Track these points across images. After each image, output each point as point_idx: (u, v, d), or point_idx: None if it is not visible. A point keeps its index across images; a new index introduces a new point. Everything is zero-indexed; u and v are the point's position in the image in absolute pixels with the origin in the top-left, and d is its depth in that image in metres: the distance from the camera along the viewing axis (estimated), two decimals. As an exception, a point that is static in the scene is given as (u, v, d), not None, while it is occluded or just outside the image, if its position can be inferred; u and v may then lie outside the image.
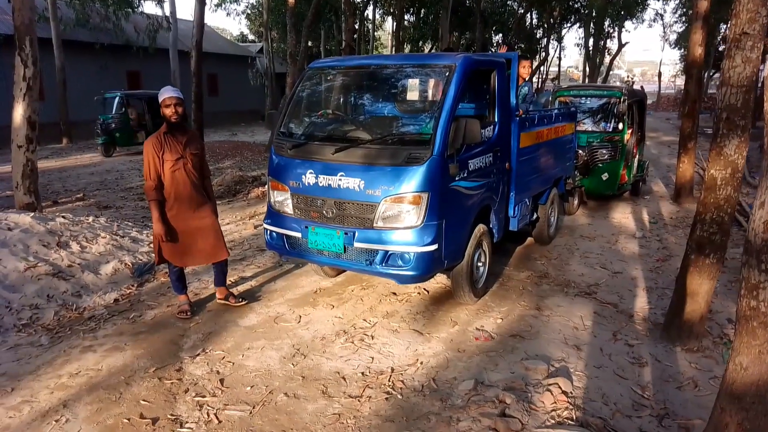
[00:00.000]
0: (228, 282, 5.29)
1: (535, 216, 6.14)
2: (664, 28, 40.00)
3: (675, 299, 4.18)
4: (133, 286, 5.19)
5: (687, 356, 3.90)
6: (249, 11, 32.10)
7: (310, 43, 27.26)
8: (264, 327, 4.26)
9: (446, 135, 3.92)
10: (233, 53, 28.35)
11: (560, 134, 6.48)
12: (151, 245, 6.14)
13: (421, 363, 3.70)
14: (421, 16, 27.83)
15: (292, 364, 3.67)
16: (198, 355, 3.82)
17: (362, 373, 3.55)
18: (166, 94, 4.11)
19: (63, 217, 6.19)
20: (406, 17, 26.40)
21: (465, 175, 4.24)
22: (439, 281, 5.10)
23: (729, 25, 3.69)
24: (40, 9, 17.69)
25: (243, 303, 4.67)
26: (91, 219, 6.46)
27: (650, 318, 4.55)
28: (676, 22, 37.85)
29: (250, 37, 37.68)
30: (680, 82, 53.46)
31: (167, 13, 21.27)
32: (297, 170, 4.30)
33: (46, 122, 18.63)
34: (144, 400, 3.26)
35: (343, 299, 4.79)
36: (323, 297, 4.86)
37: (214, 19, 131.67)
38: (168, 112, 4.10)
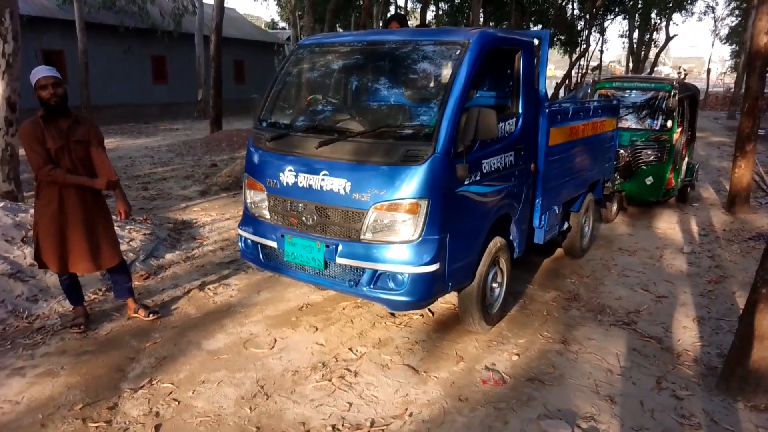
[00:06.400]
0: (208, 288, 4.64)
1: (566, 225, 5.28)
2: (715, 22, 37.56)
3: (738, 342, 3.31)
4: (101, 289, 4.58)
5: (753, 417, 3.06)
6: (279, -3, 31.57)
7: (340, 31, 26.50)
8: (230, 352, 3.57)
9: (453, 128, 3.13)
10: (261, 39, 27.77)
11: (599, 130, 5.58)
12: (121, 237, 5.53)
13: (411, 415, 2.94)
14: (455, 2, 26.70)
15: (250, 408, 2.96)
16: (142, 387, 3.15)
17: (333, 426, 2.82)
18: (40, 74, 3.50)
19: (38, 208, 5.63)
20: (438, 4, 25.34)
21: (477, 178, 3.44)
22: (448, 300, 4.33)
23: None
24: (64, -9, 17.53)
25: (154, 317, 4.04)
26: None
27: (702, 359, 3.69)
28: (728, 15, 35.67)
29: (281, 24, 37.12)
30: (728, 80, 50.82)
31: (193, -3, 20.84)
32: (275, 166, 3.57)
33: (69, 105, 18.60)
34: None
35: (330, 320, 4.07)
36: (308, 315, 4.14)
37: (246, 5, 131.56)
38: (45, 94, 3.50)
